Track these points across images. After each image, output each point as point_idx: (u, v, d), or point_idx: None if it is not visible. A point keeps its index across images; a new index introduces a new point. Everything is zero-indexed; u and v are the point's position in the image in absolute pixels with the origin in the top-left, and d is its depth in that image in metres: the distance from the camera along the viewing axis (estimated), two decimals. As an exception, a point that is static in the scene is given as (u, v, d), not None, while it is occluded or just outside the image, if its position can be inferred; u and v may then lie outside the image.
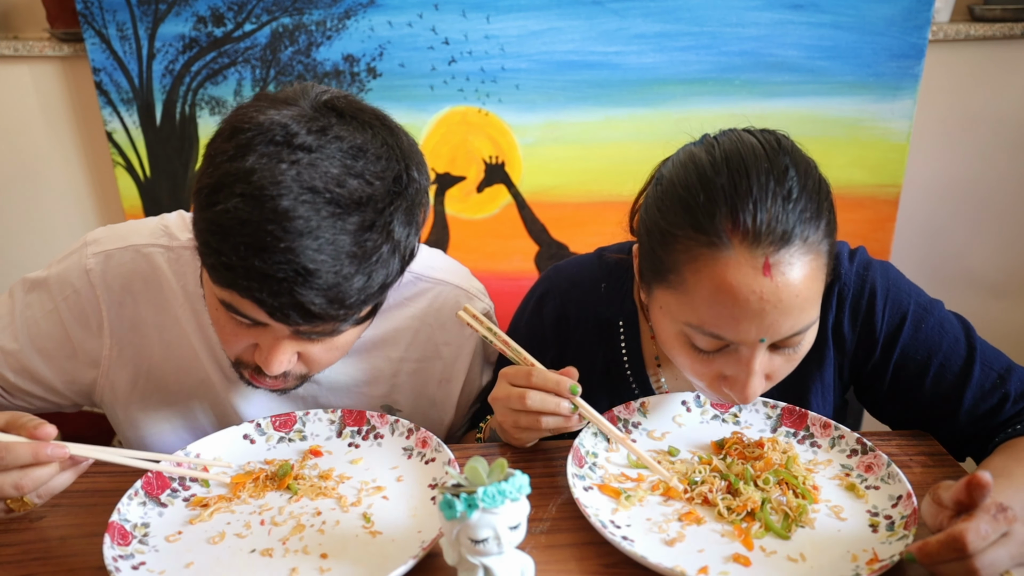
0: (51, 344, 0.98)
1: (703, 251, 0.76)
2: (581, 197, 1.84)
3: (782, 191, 0.75)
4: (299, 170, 0.71)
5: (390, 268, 0.78)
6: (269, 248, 0.70)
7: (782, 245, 0.74)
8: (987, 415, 0.91)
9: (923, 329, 0.93)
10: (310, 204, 0.70)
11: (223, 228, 0.71)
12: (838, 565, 0.73)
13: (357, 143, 0.74)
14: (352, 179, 0.73)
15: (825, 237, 0.77)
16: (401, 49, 1.72)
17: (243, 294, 0.73)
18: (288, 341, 0.81)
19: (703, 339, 0.80)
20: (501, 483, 0.63)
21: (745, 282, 0.74)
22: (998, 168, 1.92)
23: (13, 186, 1.98)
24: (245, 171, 0.70)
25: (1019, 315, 2.07)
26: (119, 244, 0.98)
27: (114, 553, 0.75)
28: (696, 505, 0.83)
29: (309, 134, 0.72)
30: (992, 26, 1.76)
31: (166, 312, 0.98)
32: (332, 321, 0.77)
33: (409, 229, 0.79)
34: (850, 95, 1.72)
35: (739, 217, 0.74)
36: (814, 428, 0.95)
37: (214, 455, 0.94)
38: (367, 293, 0.76)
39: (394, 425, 0.97)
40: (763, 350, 0.80)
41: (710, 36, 1.69)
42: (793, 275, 0.75)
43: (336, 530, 0.81)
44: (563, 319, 1.04)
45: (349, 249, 0.72)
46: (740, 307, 0.75)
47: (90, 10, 1.70)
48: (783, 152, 0.78)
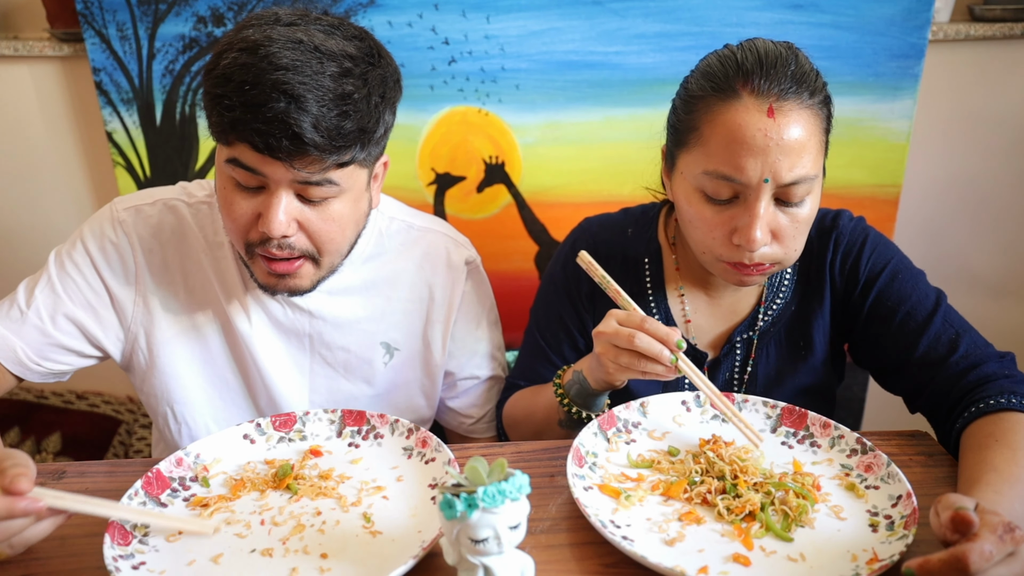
0: (91, 294, 1.06)
1: (719, 104, 0.91)
2: (581, 197, 1.84)
3: (785, 63, 0.90)
4: (287, 32, 0.86)
5: (366, 118, 0.89)
6: (262, 82, 0.83)
7: (783, 97, 0.88)
8: (936, 363, 0.98)
9: (898, 280, 1.04)
10: (295, 50, 0.85)
11: (225, 76, 0.85)
12: (838, 565, 0.74)
13: (334, 23, 0.91)
14: (331, 40, 0.88)
15: (822, 105, 0.92)
16: (401, 49, 1.72)
17: (242, 133, 0.85)
18: (286, 196, 0.91)
19: (715, 184, 0.92)
20: (501, 483, 0.63)
21: (752, 121, 0.88)
22: (998, 168, 1.92)
23: (13, 186, 1.98)
24: (242, 37, 0.87)
25: (1019, 315, 2.07)
26: (147, 200, 1.09)
27: (114, 553, 0.75)
28: (696, 505, 0.83)
29: (294, 15, 0.90)
30: (992, 26, 1.76)
31: (190, 258, 1.09)
32: (320, 152, 0.86)
33: (383, 93, 0.92)
34: (850, 95, 1.72)
35: (750, 76, 0.89)
36: (814, 428, 0.95)
37: (214, 455, 0.94)
38: (347, 130, 0.87)
39: (394, 425, 0.97)
40: (768, 196, 0.91)
41: (710, 36, 1.69)
42: (793, 119, 0.88)
43: (336, 530, 0.81)
44: (594, 254, 1.12)
45: (330, 86, 0.85)
46: (747, 144, 0.88)
47: (90, 10, 1.70)
48: (790, 46, 0.93)
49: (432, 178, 1.84)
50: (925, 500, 0.80)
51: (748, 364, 1.11)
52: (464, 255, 1.20)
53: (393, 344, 1.17)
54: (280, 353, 1.12)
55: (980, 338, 0.99)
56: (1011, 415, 0.87)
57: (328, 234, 0.96)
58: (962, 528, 0.65)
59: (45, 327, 1.03)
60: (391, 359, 1.17)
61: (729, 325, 1.11)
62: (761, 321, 1.10)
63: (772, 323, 1.10)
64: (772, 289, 1.10)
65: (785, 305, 1.10)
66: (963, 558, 0.62)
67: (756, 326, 1.10)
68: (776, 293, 1.10)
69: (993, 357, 0.96)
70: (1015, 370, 0.94)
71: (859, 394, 1.98)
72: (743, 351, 1.11)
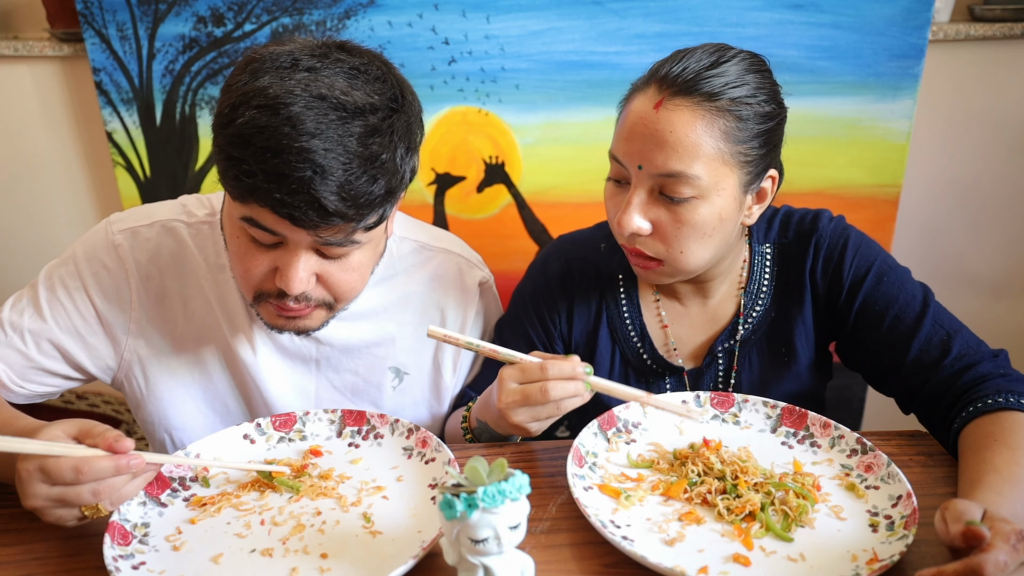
0: (79, 321, 1.01)
1: (632, 94, 0.96)
2: (581, 197, 1.84)
3: (708, 60, 0.91)
4: (307, 83, 0.79)
5: (393, 176, 0.84)
6: (285, 150, 0.77)
7: (679, 94, 0.90)
8: (929, 366, 0.96)
9: (884, 282, 1.02)
10: (318, 110, 0.78)
11: (243, 138, 0.78)
12: (838, 565, 0.73)
13: (355, 64, 0.83)
14: (354, 91, 0.81)
15: (730, 115, 0.90)
16: (401, 49, 1.72)
17: (263, 201, 0.80)
18: (306, 255, 0.86)
19: (616, 168, 0.96)
20: (501, 483, 0.63)
21: (640, 110, 0.92)
22: (998, 168, 1.92)
23: (13, 186, 1.98)
24: (259, 88, 0.79)
25: (1019, 315, 2.07)
26: (144, 221, 1.03)
27: (114, 553, 0.76)
28: (696, 505, 0.83)
29: (312, 58, 0.82)
30: (992, 26, 1.76)
31: (190, 283, 1.04)
32: (345, 220, 0.82)
33: (408, 143, 0.86)
34: (850, 95, 1.72)
35: (661, 72, 0.92)
36: (814, 428, 0.95)
37: (214, 455, 0.94)
38: (375, 195, 0.82)
39: (394, 425, 0.97)
40: (644, 185, 0.93)
41: (710, 36, 1.68)
42: (676, 117, 0.89)
43: (336, 530, 0.81)
44: (567, 275, 1.13)
45: (356, 150, 0.80)
46: (630, 129, 0.93)
47: (90, 10, 1.70)
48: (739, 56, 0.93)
49: (432, 178, 1.84)
50: (925, 500, 0.80)
51: (731, 374, 1.10)
52: (477, 276, 1.16)
53: (403, 368, 1.13)
54: (284, 378, 1.08)
55: (972, 337, 0.97)
56: (1009, 414, 0.86)
57: (348, 283, 0.92)
58: (974, 543, 0.64)
59: (28, 351, 0.99)
60: (400, 383, 1.14)
61: (709, 335, 1.10)
62: (741, 329, 1.08)
63: (752, 331, 1.08)
64: (751, 297, 1.08)
65: (764, 312, 1.08)
66: (979, 569, 0.62)
67: (737, 335, 1.08)
68: (755, 301, 1.08)
69: (987, 356, 0.95)
70: (1010, 368, 0.94)
71: (859, 394, 1.98)
72: (725, 361, 1.10)
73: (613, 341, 1.11)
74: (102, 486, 0.75)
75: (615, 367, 1.12)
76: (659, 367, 1.10)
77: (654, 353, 1.10)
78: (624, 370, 1.12)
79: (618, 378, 1.12)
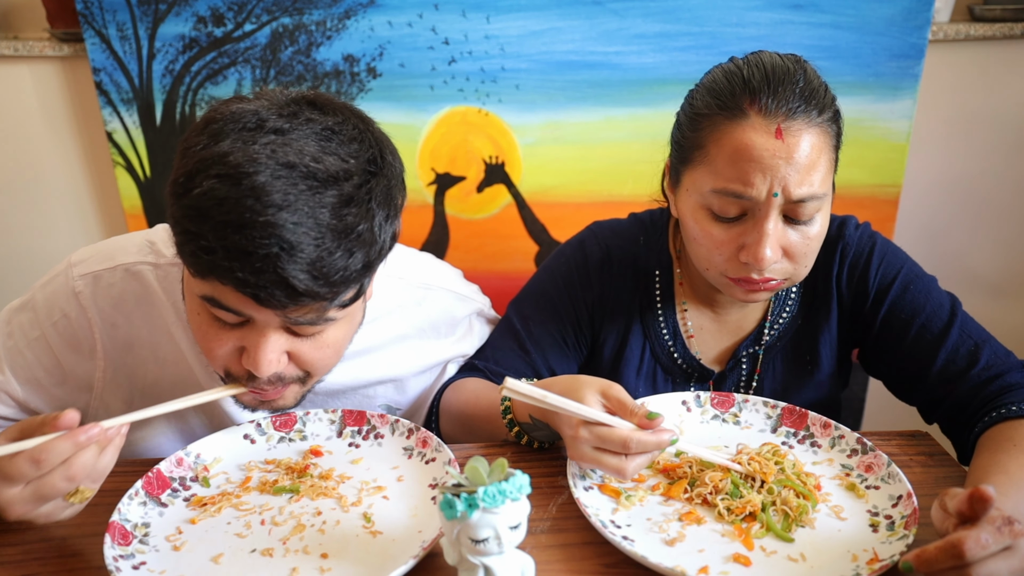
0: (40, 372, 0.95)
1: (725, 124, 0.89)
2: (581, 197, 1.84)
3: (793, 80, 0.87)
4: (274, 148, 0.70)
5: (371, 248, 0.75)
6: (248, 224, 0.68)
7: (791, 116, 0.86)
8: (956, 377, 0.95)
9: (911, 291, 1.01)
10: (286, 179, 0.69)
11: (200, 210, 0.69)
12: (838, 565, 0.73)
13: (329, 125, 0.74)
14: (327, 156, 0.72)
15: (831, 122, 0.89)
16: (401, 49, 1.72)
17: (225, 279, 0.71)
18: (275, 335, 0.78)
19: (723, 202, 0.90)
20: (501, 483, 0.63)
21: (760, 141, 0.86)
22: (998, 168, 1.92)
23: (13, 186, 1.98)
24: (220, 154, 0.70)
25: (1019, 315, 2.07)
26: (107, 264, 0.95)
27: (114, 553, 0.75)
28: (696, 505, 0.83)
29: (280, 118, 0.73)
30: (992, 26, 1.76)
31: (159, 329, 0.96)
32: (317, 300, 0.74)
33: (388, 210, 0.77)
34: (850, 95, 1.72)
35: (757, 95, 0.87)
36: (814, 428, 0.95)
37: (214, 455, 0.94)
38: (351, 271, 0.74)
39: (394, 425, 0.97)
40: (776, 212, 0.88)
41: (710, 36, 1.69)
42: (802, 139, 0.86)
43: (336, 530, 0.81)
44: (607, 261, 1.10)
45: (329, 222, 0.71)
46: (755, 162, 0.86)
47: (90, 10, 1.70)
48: (798, 60, 0.91)
49: (432, 178, 1.84)
50: (925, 500, 0.80)
51: (753, 379, 1.09)
52: (468, 309, 1.13)
53: (395, 405, 1.11)
54: None
55: (1000, 347, 0.96)
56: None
57: (322, 360, 0.84)
58: (979, 508, 0.65)
59: None
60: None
61: (734, 340, 1.10)
62: (767, 336, 1.08)
63: (778, 338, 1.08)
64: (778, 303, 1.08)
65: (791, 319, 1.08)
66: (959, 545, 0.62)
67: (762, 341, 1.08)
68: (783, 307, 1.08)
69: (1016, 366, 0.93)
70: None
71: (859, 394, 1.98)
72: (748, 366, 1.09)
73: (645, 337, 1.10)
74: (73, 469, 0.71)
75: (644, 364, 1.11)
76: (690, 368, 1.10)
77: (686, 353, 1.09)
78: (652, 368, 1.11)
79: (646, 376, 1.11)
